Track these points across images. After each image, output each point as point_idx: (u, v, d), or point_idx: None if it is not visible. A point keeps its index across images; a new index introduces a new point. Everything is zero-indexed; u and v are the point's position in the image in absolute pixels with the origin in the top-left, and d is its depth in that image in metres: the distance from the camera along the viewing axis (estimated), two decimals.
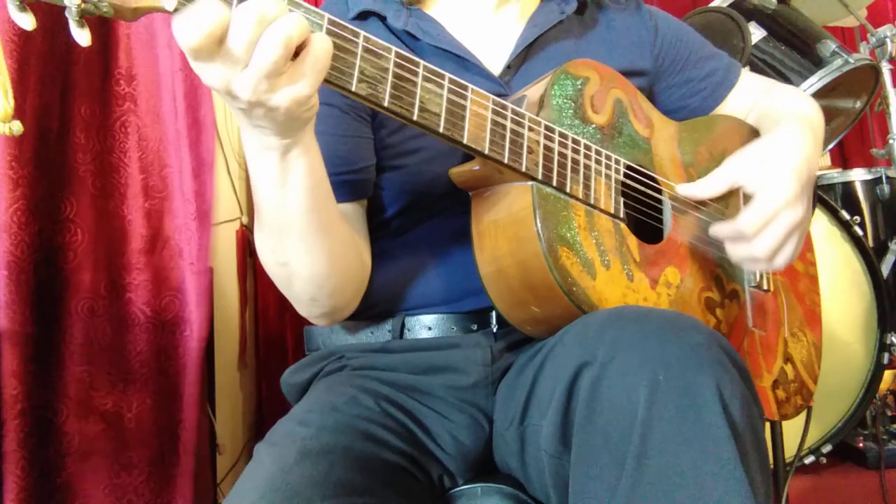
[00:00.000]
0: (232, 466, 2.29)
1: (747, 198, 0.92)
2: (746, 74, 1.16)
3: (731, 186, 0.93)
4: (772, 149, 0.94)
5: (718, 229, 0.91)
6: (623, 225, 0.88)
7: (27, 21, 0.57)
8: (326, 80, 0.64)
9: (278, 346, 2.50)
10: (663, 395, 0.61)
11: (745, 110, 1.14)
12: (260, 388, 2.50)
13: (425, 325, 0.93)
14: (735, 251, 0.90)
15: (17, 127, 0.62)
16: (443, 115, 0.72)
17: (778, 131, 0.98)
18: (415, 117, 0.70)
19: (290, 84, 0.61)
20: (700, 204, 0.98)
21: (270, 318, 2.51)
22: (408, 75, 0.70)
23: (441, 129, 0.72)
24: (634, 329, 0.67)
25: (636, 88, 0.97)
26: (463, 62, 0.94)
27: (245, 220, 2.57)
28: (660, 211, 0.96)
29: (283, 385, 1.01)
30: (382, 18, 0.97)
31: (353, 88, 0.66)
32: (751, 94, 1.14)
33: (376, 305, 0.96)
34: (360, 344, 0.96)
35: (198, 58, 0.59)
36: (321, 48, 0.61)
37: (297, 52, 0.61)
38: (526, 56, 0.99)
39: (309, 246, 0.79)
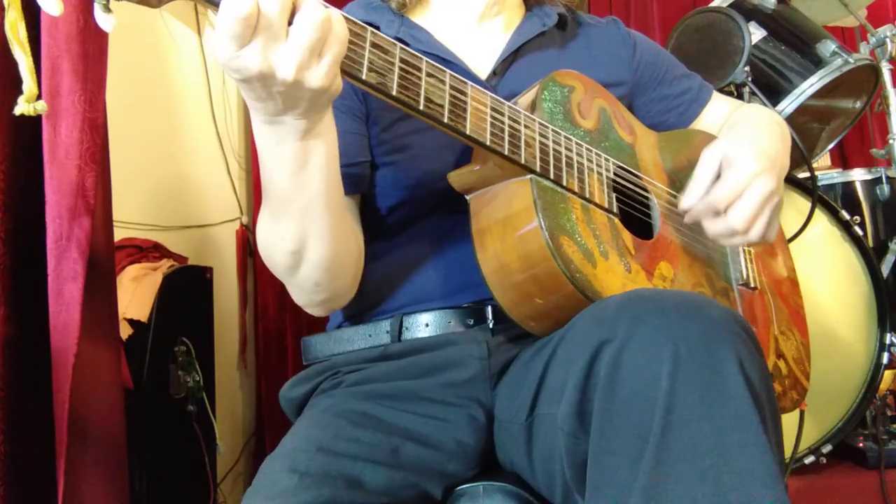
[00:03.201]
0: (232, 466, 2.30)
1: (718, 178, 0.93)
2: (717, 96, 1.22)
3: (716, 174, 0.93)
4: (737, 135, 0.98)
5: (695, 210, 0.92)
6: (617, 220, 0.90)
7: (54, 6, 0.59)
8: (341, 70, 0.68)
9: (278, 345, 2.51)
10: (686, 368, 0.62)
11: (717, 128, 1.18)
12: (259, 387, 2.51)
13: (423, 323, 0.94)
14: (712, 226, 0.92)
15: (41, 106, 0.63)
16: (446, 106, 0.76)
17: (744, 125, 1.04)
18: (421, 107, 0.73)
19: (326, 56, 0.65)
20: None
21: (270, 317, 2.52)
22: (412, 70, 0.73)
23: (445, 120, 0.75)
24: (653, 306, 0.67)
25: (617, 99, 1.02)
26: (452, 66, 0.96)
27: (245, 219, 2.58)
28: (648, 208, 0.98)
29: (281, 399, 1.02)
30: (376, 28, 0.99)
31: (364, 77, 0.69)
32: (722, 114, 1.19)
33: (375, 306, 0.98)
34: (357, 354, 0.96)
35: (243, 38, 0.61)
36: (338, 20, 0.66)
37: None
38: (510, 63, 1.04)
39: (323, 227, 0.81)
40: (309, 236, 0.81)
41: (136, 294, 1.73)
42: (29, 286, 1.19)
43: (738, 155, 0.91)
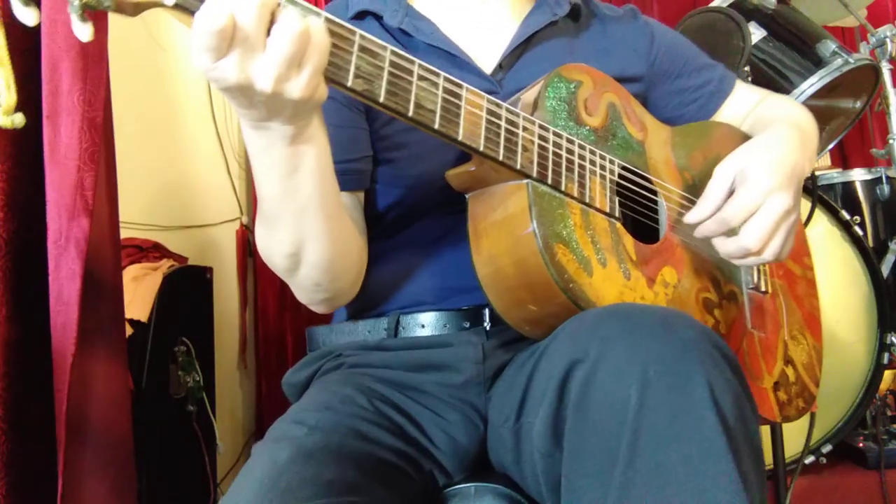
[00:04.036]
0: (232, 466, 2.30)
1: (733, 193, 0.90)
2: (740, 85, 1.17)
3: (729, 191, 0.91)
4: (755, 147, 0.93)
5: (705, 227, 0.90)
6: (619, 224, 0.88)
7: (30, 16, 0.57)
8: (325, 77, 0.66)
9: (278, 345, 2.51)
10: (654, 392, 0.61)
11: (739, 120, 1.14)
12: (259, 387, 2.51)
13: (419, 324, 0.94)
14: (724, 246, 0.90)
15: (19, 119, 0.62)
16: (438, 112, 0.73)
17: (764, 133, 0.98)
18: (410, 114, 0.71)
19: (306, 67, 0.63)
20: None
21: (270, 317, 2.52)
22: (403, 74, 0.70)
23: (436, 126, 0.73)
24: (625, 326, 0.67)
25: (629, 93, 0.98)
26: (455, 60, 0.96)
27: (245, 220, 2.58)
28: (655, 212, 0.96)
29: (283, 386, 1.02)
30: (379, 18, 0.99)
31: (350, 84, 0.67)
32: (745, 105, 1.14)
33: (373, 305, 0.98)
34: (357, 342, 0.96)
35: (219, 50, 0.60)
36: (318, 30, 0.63)
37: None
38: (519, 55, 1.00)
39: (319, 230, 0.80)
40: (306, 239, 0.80)
41: (136, 294, 1.73)
42: (31, 287, 1.19)
43: (753, 170, 0.88)
